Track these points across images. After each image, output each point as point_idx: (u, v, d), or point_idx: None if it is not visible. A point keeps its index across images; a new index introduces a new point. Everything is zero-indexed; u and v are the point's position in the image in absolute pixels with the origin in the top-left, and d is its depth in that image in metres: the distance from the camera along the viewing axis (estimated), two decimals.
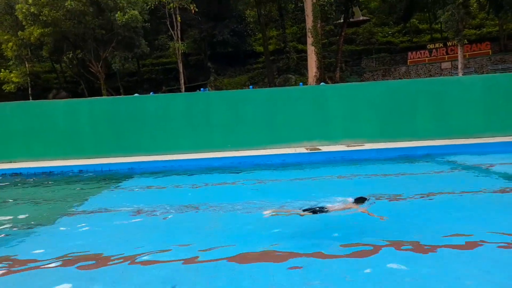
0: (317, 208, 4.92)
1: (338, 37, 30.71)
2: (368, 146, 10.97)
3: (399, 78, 31.47)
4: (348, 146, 11.12)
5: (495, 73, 26.91)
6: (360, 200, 5.04)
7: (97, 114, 11.08)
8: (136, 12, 20.04)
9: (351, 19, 36.39)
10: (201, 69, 38.19)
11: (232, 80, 34.27)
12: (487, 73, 27.80)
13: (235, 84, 33.48)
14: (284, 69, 35.50)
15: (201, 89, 14.89)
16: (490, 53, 29.89)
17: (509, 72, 24.65)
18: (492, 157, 9.30)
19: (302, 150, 10.65)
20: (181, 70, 26.43)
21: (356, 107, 11.65)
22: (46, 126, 11.08)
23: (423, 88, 11.67)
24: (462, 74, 23.65)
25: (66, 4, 18.81)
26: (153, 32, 32.40)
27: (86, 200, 6.84)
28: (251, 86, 14.96)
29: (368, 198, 5.11)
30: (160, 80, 38.86)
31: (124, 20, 19.25)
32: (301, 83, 16.27)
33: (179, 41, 26.18)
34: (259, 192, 7.12)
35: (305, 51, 27.52)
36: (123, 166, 9.76)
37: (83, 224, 5.05)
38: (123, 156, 10.72)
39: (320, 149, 10.67)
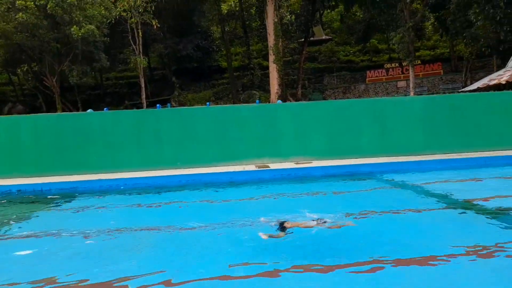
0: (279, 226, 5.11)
1: (301, 56, 31.56)
2: (315, 163, 11.27)
3: (359, 96, 32.67)
4: (296, 163, 11.38)
5: (445, 92, 28.54)
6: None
7: (40, 131, 10.77)
8: (92, 26, 19.78)
9: (312, 38, 37.64)
10: (166, 84, 37.99)
11: (196, 96, 34.28)
12: (438, 92, 29.41)
13: (199, 99, 33.51)
14: (248, 85, 35.97)
15: (157, 105, 14.81)
16: (442, 73, 31.69)
17: (459, 90, 26.15)
18: (428, 175, 9.83)
19: (251, 167, 10.80)
20: (142, 85, 26.16)
21: (305, 125, 11.97)
22: None
23: (367, 107, 12.20)
24: (414, 93, 24.90)
25: (17, 16, 18.28)
26: (119, 46, 32.04)
27: (23, 222, 6.63)
28: (208, 103, 15.01)
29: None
30: (123, 94, 38.26)
31: (80, 34, 18.94)
32: (257, 100, 16.52)
33: (141, 56, 25.99)
34: (203, 212, 7.16)
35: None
36: (66, 185, 9.50)
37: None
38: (67, 175, 10.43)
39: (269, 167, 10.86)
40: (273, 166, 11.04)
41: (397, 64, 33.99)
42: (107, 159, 10.91)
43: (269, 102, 27.36)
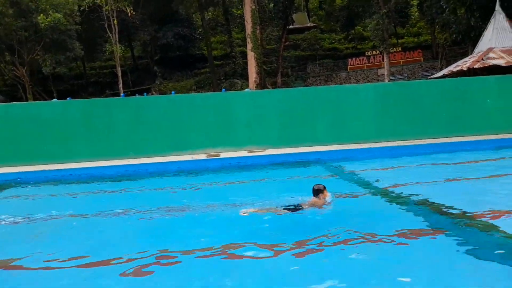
0: (293, 207, 5.35)
1: (280, 44, 31.36)
2: (268, 152, 11.35)
3: (340, 84, 32.59)
4: (249, 152, 11.45)
5: (425, 78, 28.51)
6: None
7: None
8: (59, 15, 19.51)
9: (294, 26, 37.31)
10: (148, 73, 37.74)
11: (177, 85, 34.09)
12: (418, 78, 29.37)
13: (181, 88, 33.32)
14: (231, 73, 35.79)
15: (122, 94, 14.76)
16: (422, 60, 31.62)
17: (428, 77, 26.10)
18: (371, 162, 9.93)
19: (201, 156, 10.86)
20: (119, 74, 25.99)
21: (260, 113, 12.01)
22: None
23: (322, 96, 12.22)
24: (391, 81, 24.88)
25: None
26: (98, 34, 31.64)
27: None
28: (173, 92, 14.88)
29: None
30: (105, 84, 38.01)
31: (46, 23, 18.70)
32: (223, 89, 16.48)
33: (117, 44, 25.73)
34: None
35: None
36: (9, 176, 9.53)
37: None
38: (16, 165, 10.46)
39: (219, 156, 10.92)
40: (225, 155, 11.10)
41: (378, 52, 33.83)
42: (57, 149, 10.91)
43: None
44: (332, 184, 7.79)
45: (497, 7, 16.51)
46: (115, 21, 24.88)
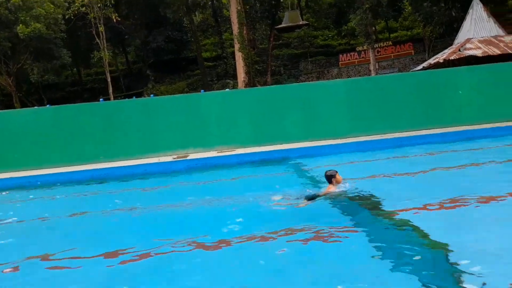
0: (311, 196, 5.61)
1: (268, 43, 31.35)
2: (238, 151, 11.36)
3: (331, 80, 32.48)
4: (219, 152, 11.48)
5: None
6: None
7: None
8: (39, 25, 19.72)
9: (288, 24, 37.22)
10: (141, 77, 38.00)
11: (169, 88, 34.26)
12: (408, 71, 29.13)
13: (173, 91, 33.45)
14: (222, 74, 35.88)
15: (101, 99, 14.86)
16: (413, 53, 31.36)
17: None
18: (337, 158, 9.91)
19: (168, 158, 10.91)
20: (109, 80, 26.21)
21: (231, 113, 12.03)
22: None
23: (292, 93, 12.21)
24: (376, 75, 24.72)
25: None
26: (88, 42, 31.91)
27: None
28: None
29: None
30: (100, 89, 38.33)
31: (26, 33, 18.93)
32: (202, 90, 16.46)
33: (105, 51, 25.94)
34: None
35: None
36: None
37: None
38: None
39: (187, 157, 10.97)
40: (194, 156, 11.15)
41: (368, 46, 33.62)
42: (29, 156, 11.04)
43: None
44: (286, 181, 7.84)
45: None
46: (101, 28, 25.08)
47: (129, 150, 11.49)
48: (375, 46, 32.86)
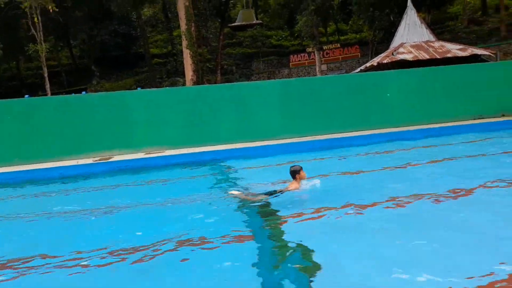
0: (271, 191, 5.51)
1: (218, 41, 30.98)
2: (167, 153, 10.96)
3: None
4: (146, 154, 11.00)
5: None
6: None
7: None
8: None
9: (241, 23, 37.04)
10: (86, 72, 36.20)
11: (115, 84, 32.90)
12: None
13: (119, 88, 32.14)
14: (173, 71, 35.03)
15: (26, 96, 13.80)
16: (359, 56, 32.33)
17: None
18: (260, 160, 9.81)
19: (88, 161, 10.29)
20: (46, 75, 24.58)
21: (160, 113, 11.58)
22: None
23: (226, 93, 11.98)
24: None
25: None
26: (24, 34, 29.85)
27: None
28: (84, 92, 14.02)
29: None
30: (40, 85, 36.07)
31: None
32: (138, 88, 15.84)
33: (42, 44, 24.30)
34: None
35: None
36: None
37: None
38: None
39: (110, 159, 10.40)
40: (119, 157, 10.60)
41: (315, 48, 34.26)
42: None
43: None
44: (208, 183, 7.60)
45: (409, 3, 17.01)
46: (36, 19, 23.50)
47: (48, 152, 10.72)
48: (324, 48, 33.59)
